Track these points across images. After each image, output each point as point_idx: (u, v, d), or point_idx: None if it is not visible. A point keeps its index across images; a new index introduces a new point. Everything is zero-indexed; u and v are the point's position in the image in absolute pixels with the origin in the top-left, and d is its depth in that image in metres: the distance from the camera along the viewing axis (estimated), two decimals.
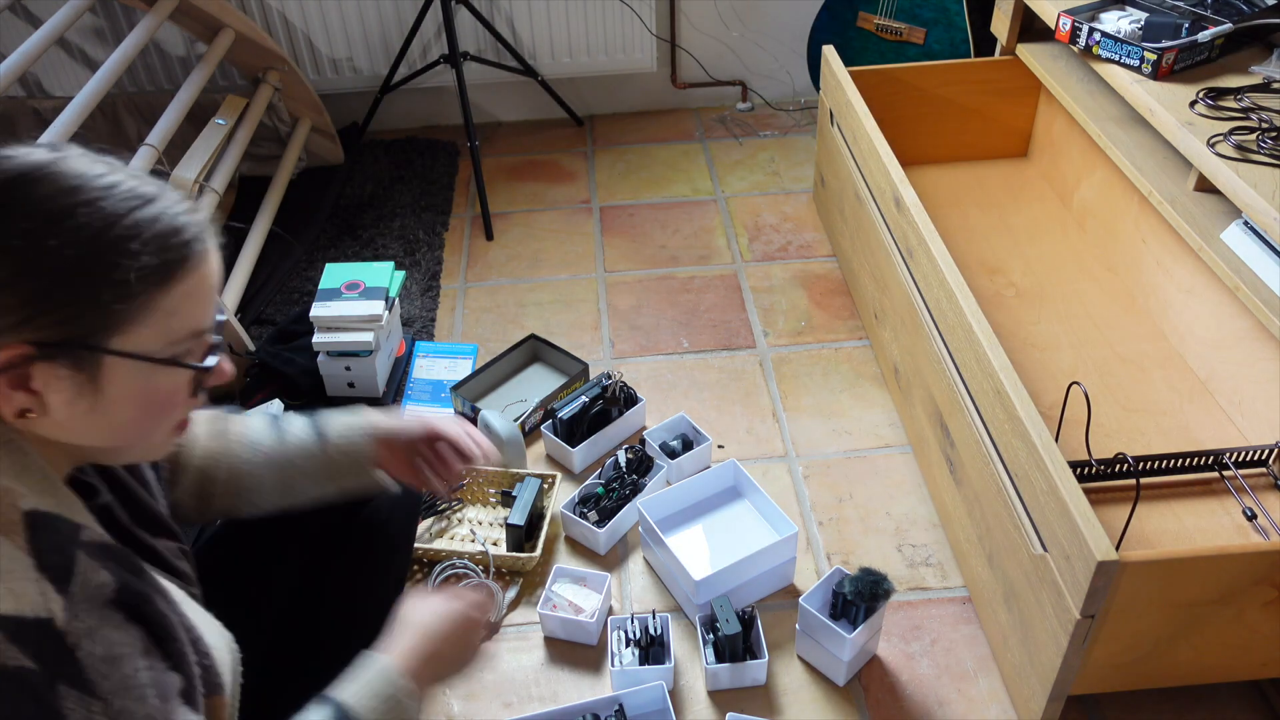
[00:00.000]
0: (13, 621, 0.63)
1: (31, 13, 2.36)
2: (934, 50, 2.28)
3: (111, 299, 0.68)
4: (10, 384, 0.68)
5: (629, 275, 2.15)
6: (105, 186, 0.69)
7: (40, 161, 0.69)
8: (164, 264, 0.70)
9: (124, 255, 0.68)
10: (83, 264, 0.67)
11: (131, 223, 0.69)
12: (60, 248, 0.67)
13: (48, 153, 0.70)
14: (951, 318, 1.41)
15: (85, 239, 0.67)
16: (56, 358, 0.68)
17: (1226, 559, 1.07)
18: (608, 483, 1.59)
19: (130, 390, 0.72)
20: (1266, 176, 1.36)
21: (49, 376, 0.69)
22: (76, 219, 0.67)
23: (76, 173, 0.69)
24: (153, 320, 0.71)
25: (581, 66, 2.60)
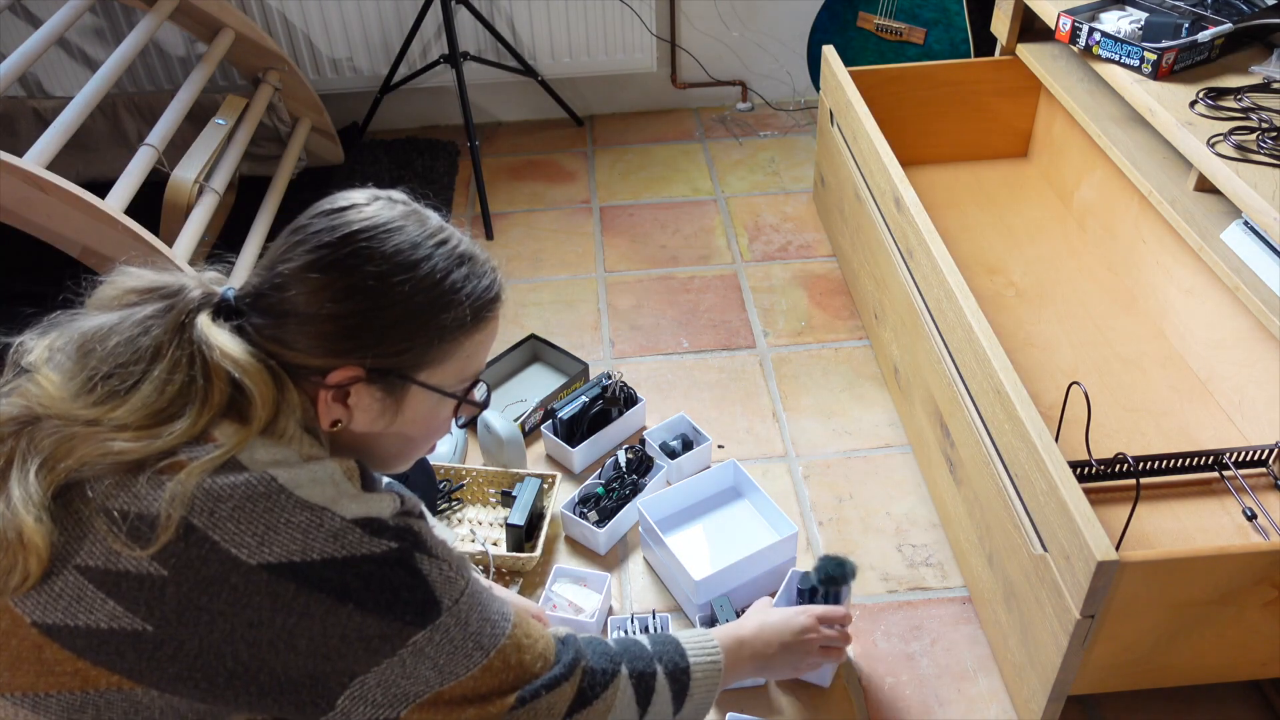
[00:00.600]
0: (373, 521, 0.78)
1: (31, 13, 2.36)
2: (934, 50, 2.28)
3: (433, 340, 0.84)
4: (333, 398, 0.83)
5: (629, 275, 2.15)
6: (439, 243, 0.84)
7: (393, 216, 0.83)
8: (475, 317, 0.85)
9: (451, 305, 0.84)
10: (420, 308, 0.82)
11: (459, 277, 0.84)
12: (409, 293, 0.81)
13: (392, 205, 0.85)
14: (951, 318, 1.41)
15: (425, 287, 0.82)
16: (376, 382, 0.83)
17: (1226, 559, 1.07)
18: (608, 483, 1.59)
19: (421, 416, 0.88)
20: (1266, 176, 1.36)
21: (364, 396, 0.83)
22: (420, 270, 0.82)
23: (419, 229, 0.84)
24: (454, 361, 0.86)
25: (581, 66, 2.60)
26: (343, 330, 0.81)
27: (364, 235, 0.81)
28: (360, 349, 0.81)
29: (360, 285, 0.80)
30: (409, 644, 0.78)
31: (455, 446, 1.68)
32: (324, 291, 0.80)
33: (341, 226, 0.81)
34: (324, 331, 0.80)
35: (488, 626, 0.84)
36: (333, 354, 0.81)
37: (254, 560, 0.74)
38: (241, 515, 0.74)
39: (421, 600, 0.79)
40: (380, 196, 0.86)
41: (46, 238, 1.59)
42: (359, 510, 0.78)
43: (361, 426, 0.85)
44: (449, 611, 0.81)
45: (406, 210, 0.85)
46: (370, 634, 0.77)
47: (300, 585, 0.75)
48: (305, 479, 0.78)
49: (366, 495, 0.80)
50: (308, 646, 0.75)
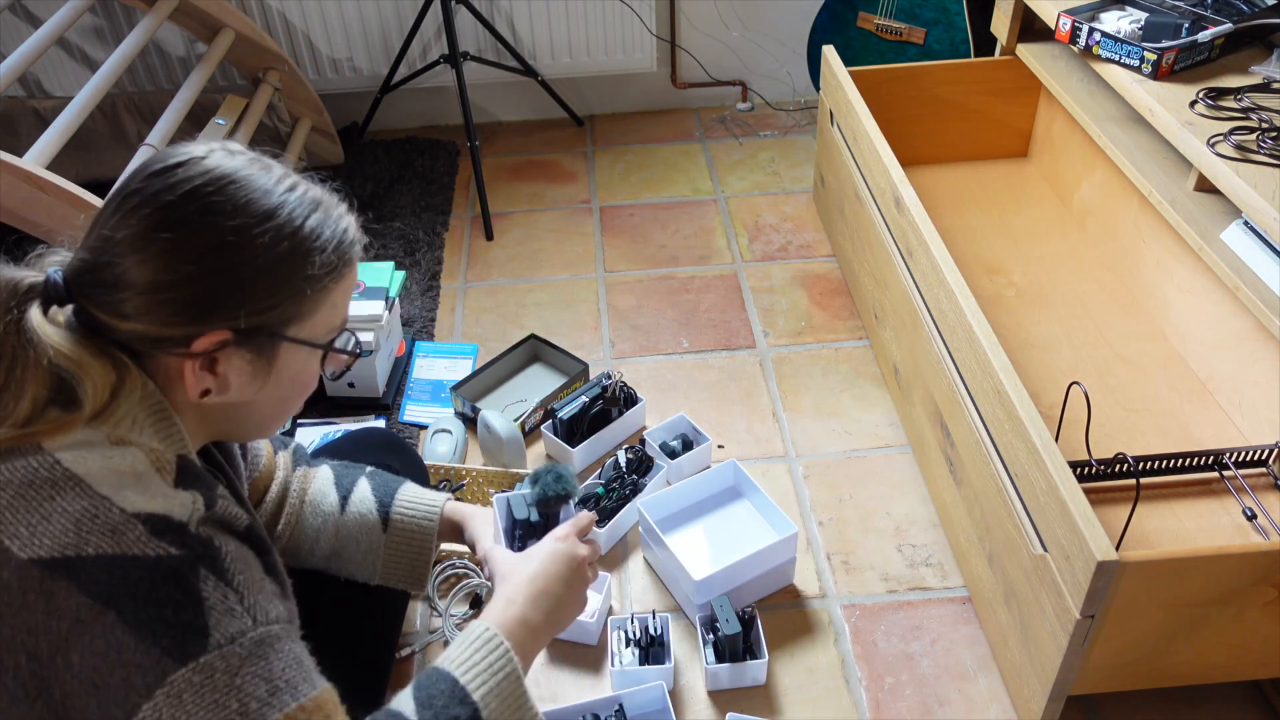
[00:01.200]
0: (160, 519, 0.70)
1: (31, 13, 2.36)
2: (934, 50, 2.28)
3: (301, 291, 0.78)
4: (200, 366, 0.76)
5: (629, 275, 2.15)
6: (289, 188, 0.78)
7: (237, 165, 0.77)
8: (339, 261, 0.80)
9: (314, 252, 0.78)
10: (284, 259, 0.76)
11: (316, 223, 0.78)
12: (270, 244, 0.75)
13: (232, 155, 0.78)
14: (951, 318, 1.41)
15: (286, 235, 0.76)
16: (245, 344, 0.77)
17: (1226, 559, 1.07)
18: (608, 483, 1.59)
19: (293, 373, 0.82)
20: (1266, 176, 1.36)
21: (234, 360, 0.77)
22: (278, 218, 0.76)
23: (266, 175, 0.78)
24: (322, 311, 0.81)
25: (581, 66, 2.60)
26: (203, 293, 0.74)
27: (211, 187, 0.74)
28: (225, 311, 0.75)
29: (217, 241, 0.73)
30: (166, 683, 0.66)
31: (455, 446, 1.68)
32: (176, 254, 0.73)
33: (183, 182, 0.74)
34: (181, 298, 0.74)
35: (263, 688, 0.68)
36: (194, 320, 0.74)
37: (25, 554, 0.67)
38: (19, 503, 0.68)
39: (187, 626, 0.67)
40: (215, 147, 0.79)
41: (46, 238, 1.59)
42: (144, 504, 0.70)
43: (234, 393, 0.79)
44: (217, 651, 0.67)
45: (249, 158, 0.79)
46: (129, 659, 0.66)
47: (71, 584, 0.66)
48: (97, 465, 0.70)
49: (164, 490, 0.72)
50: (79, 663, 0.66)
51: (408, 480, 1.20)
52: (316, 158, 2.50)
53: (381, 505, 1.14)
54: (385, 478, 1.18)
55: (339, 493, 1.13)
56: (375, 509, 1.13)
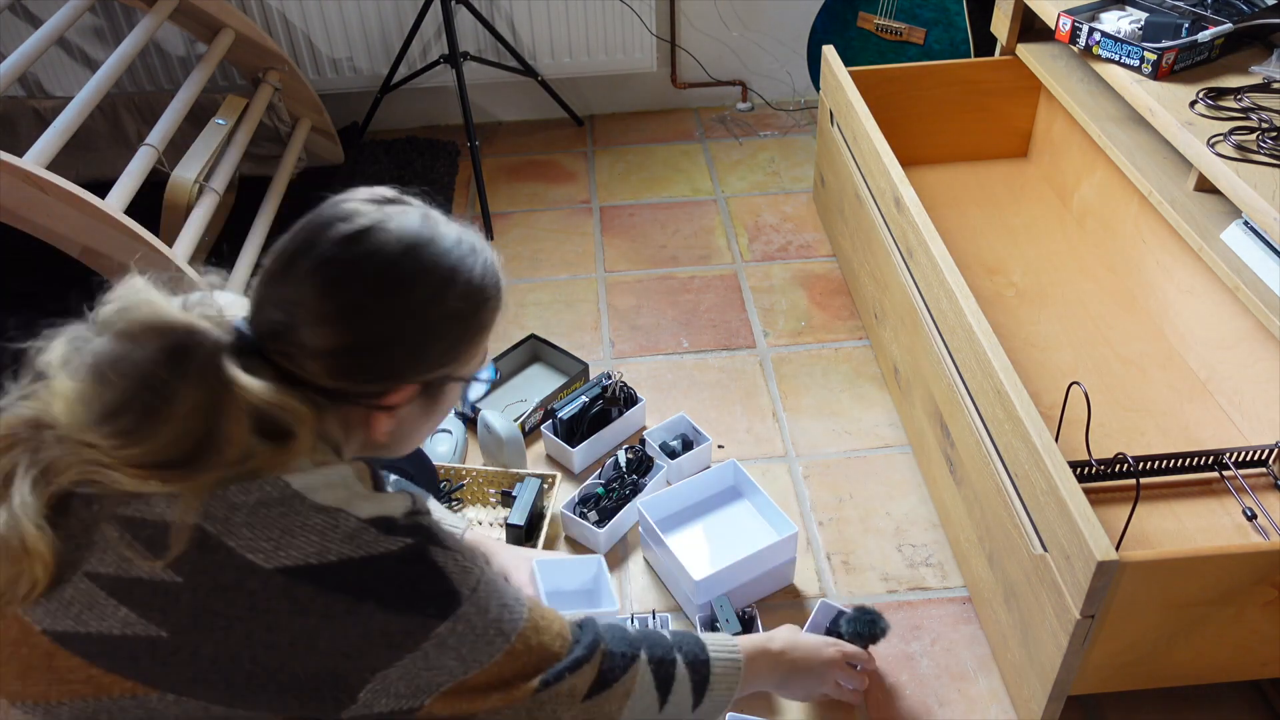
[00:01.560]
0: (387, 520, 0.79)
1: (31, 13, 2.36)
2: (934, 50, 2.28)
3: (474, 340, 0.86)
4: (388, 415, 0.84)
5: (629, 275, 2.15)
6: (455, 242, 0.83)
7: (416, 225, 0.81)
8: (495, 308, 0.87)
9: (488, 307, 0.86)
10: (466, 315, 0.84)
11: (480, 271, 0.84)
12: (456, 305, 0.83)
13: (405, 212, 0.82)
14: (951, 318, 1.41)
15: (466, 293, 0.83)
16: (425, 392, 0.85)
17: (1226, 559, 1.07)
18: (608, 483, 1.59)
19: (447, 405, 0.90)
20: (1266, 176, 1.36)
21: (412, 404, 0.85)
22: (459, 279, 0.82)
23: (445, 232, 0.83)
24: (478, 351, 0.88)
25: (581, 66, 2.60)
26: (398, 357, 0.81)
27: (405, 256, 0.80)
28: (417, 369, 0.83)
29: (412, 309, 0.80)
30: (432, 636, 0.78)
31: (455, 446, 1.68)
32: (373, 322, 0.79)
33: (375, 253, 0.79)
34: (378, 362, 0.81)
35: (506, 612, 0.84)
36: (388, 378, 0.82)
37: (270, 565, 0.74)
38: (256, 521, 0.74)
39: (441, 592, 0.80)
40: (386, 200, 0.83)
41: (46, 238, 1.59)
42: (373, 510, 0.79)
43: (402, 429, 0.87)
44: (469, 600, 0.81)
45: (419, 214, 0.83)
46: (392, 630, 0.77)
47: (319, 587, 0.75)
48: (319, 483, 0.78)
49: (379, 495, 0.81)
50: (328, 646, 0.75)
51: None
52: (317, 158, 2.50)
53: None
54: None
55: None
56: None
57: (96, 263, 1.62)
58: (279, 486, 0.76)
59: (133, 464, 0.74)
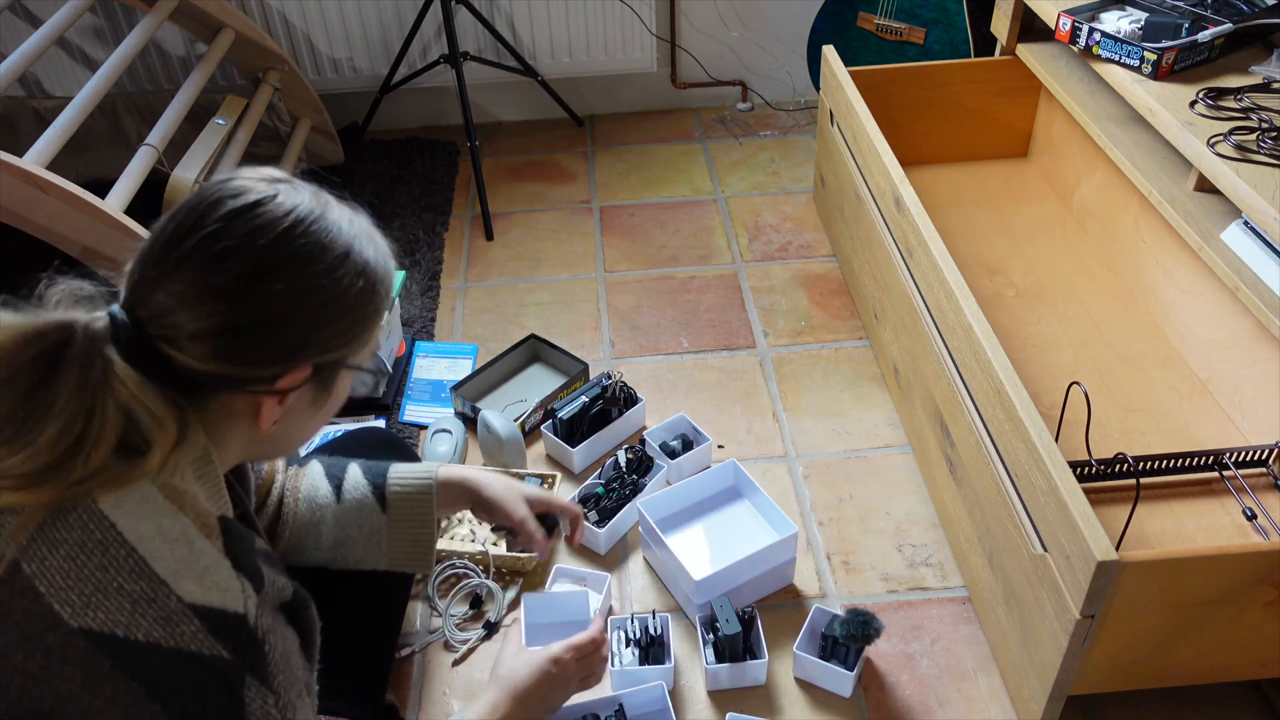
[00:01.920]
0: (216, 614, 0.70)
1: (31, 13, 2.36)
2: (934, 50, 2.28)
3: (369, 324, 0.82)
4: (278, 401, 0.79)
5: (629, 275, 2.15)
6: (349, 221, 0.81)
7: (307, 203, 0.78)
8: (387, 293, 0.84)
9: (381, 286, 0.82)
10: (361, 295, 0.80)
11: (374, 253, 0.82)
12: (350, 283, 0.78)
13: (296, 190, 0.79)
14: (951, 318, 1.41)
15: (360, 272, 0.80)
16: (315, 377, 0.80)
17: (1226, 559, 1.07)
18: (608, 483, 1.59)
19: (337, 396, 0.86)
20: (1266, 176, 1.36)
21: (301, 391, 0.80)
22: (353, 256, 0.79)
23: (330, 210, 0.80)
24: (371, 338, 0.84)
25: (581, 66, 2.60)
26: (294, 335, 0.76)
27: (298, 230, 0.76)
28: (311, 349, 0.78)
29: (306, 285, 0.76)
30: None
31: (455, 446, 1.68)
32: (269, 299, 0.74)
33: (270, 226, 0.75)
34: (270, 340, 0.75)
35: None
36: (282, 360, 0.77)
37: (75, 622, 0.67)
38: (71, 566, 0.68)
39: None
40: (274, 180, 0.79)
41: (46, 238, 1.59)
42: (201, 596, 0.70)
43: (292, 420, 0.82)
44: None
45: (310, 191, 0.80)
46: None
47: (115, 664, 0.67)
48: (152, 532, 0.70)
49: (220, 572, 0.72)
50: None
51: (396, 461, 1.19)
52: (317, 158, 2.50)
53: (375, 486, 1.13)
54: (373, 462, 1.16)
55: (331, 483, 1.13)
56: (370, 490, 1.12)
57: (96, 263, 1.62)
58: (104, 528, 0.69)
59: (10, 474, 0.69)
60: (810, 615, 1.36)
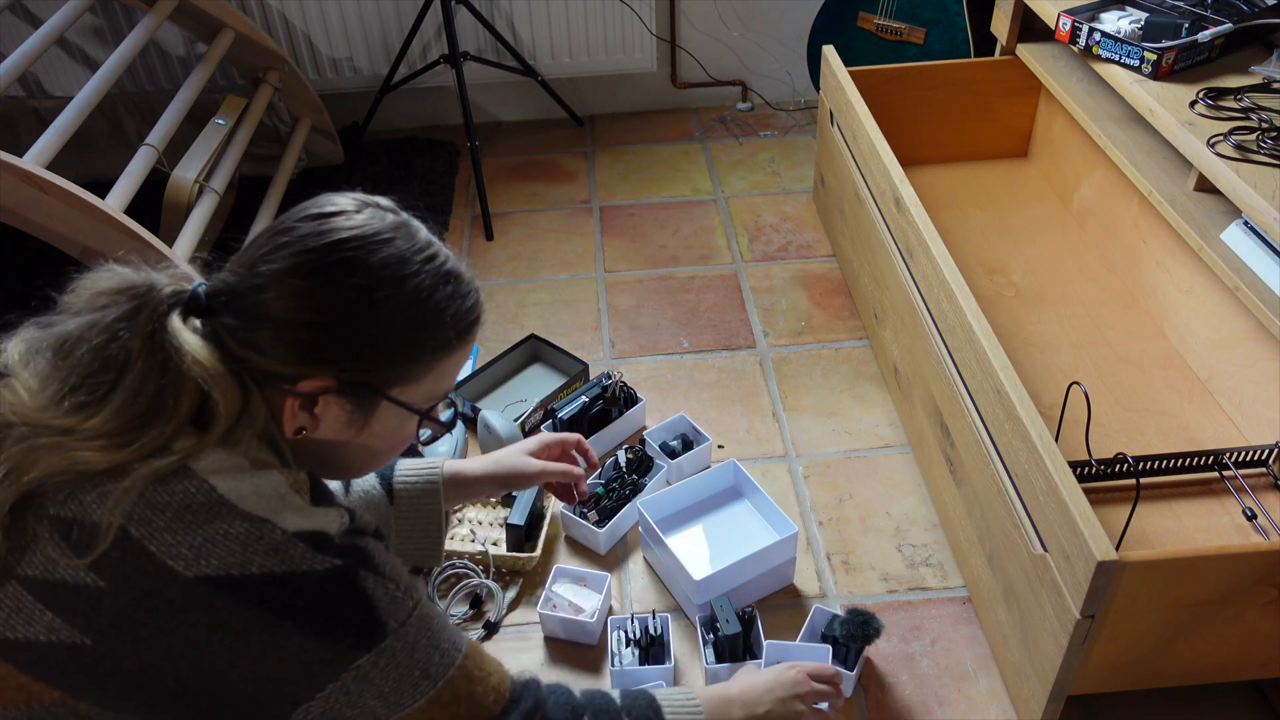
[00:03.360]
0: (319, 535, 0.75)
1: (31, 13, 2.36)
2: (934, 50, 2.28)
3: (410, 358, 0.81)
4: (300, 406, 0.79)
5: (629, 275, 2.15)
6: (427, 259, 0.81)
7: (384, 227, 0.80)
8: (455, 338, 0.83)
9: (433, 325, 0.81)
10: (401, 325, 0.79)
11: (444, 296, 0.81)
12: (393, 310, 0.79)
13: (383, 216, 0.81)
14: (951, 318, 1.41)
15: (409, 304, 0.79)
16: (346, 394, 0.80)
17: (1226, 559, 1.07)
18: (608, 483, 1.59)
19: (387, 430, 0.85)
20: (1266, 176, 1.36)
21: (332, 406, 0.80)
22: (405, 286, 0.79)
23: (408, 242, 0.81)
24: (428, 380, 0.84)
25: (581, 66, 2.60)
26: (318, 340, 0.78)
27: (351, 244, 0.78)
28: (334, 361, 0.79)
29: (342, 296, 0.77)
30: (352, 668, 0.75)
31: (455, 446, 1.68)
32: (303, 298, 0.77)
33: (329, 233, 0.78)
34: (299, 339, 0.77)
35: (436, 654, 0.80)
36: (306, 363, 0.78)
37: (190, 573, 0.71)
38: (179, 525, 0.71)
39: (365, 621, 0.76)
40: (369, 204, 0.82)
41: (46, 238, 1.59)
42: (302, 524, 0.75)
43: (326, 435, 0.83)
44: (395, 634, 0.77)
45: (396, 221, 0.82)
46: (310, 657, 0.73)
47: (238, 600, 0.71)
48: (247, 490, 0.74)
49: (313, 509, 0.77)
50: (248, 668, 0.72)
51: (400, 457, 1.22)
52: (317, 158, 2.50)
53: (383, 478, 1.15)
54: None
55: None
56: (378, 483, 1.15)
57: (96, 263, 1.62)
58: (205, 490, 0.73)
59: (90, 435, 0.72)
60: (810, 615, 1.37)
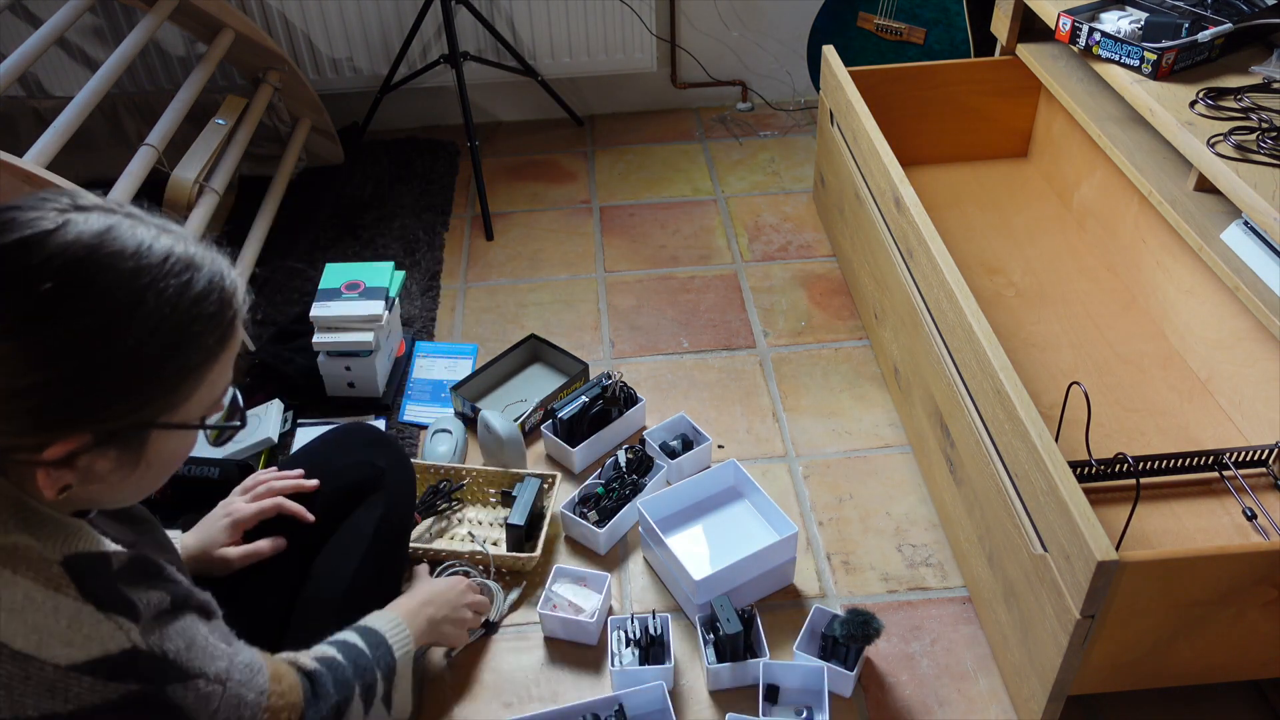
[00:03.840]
0: (102, 662, 0.65)
1: (31, 13, 2.36)
2: (934, 50, 2.28)
3: (177, 383, 0.69)
4: (56, 468, 0.67)
5: (629, 275, 2.15)
6: (161, 258, 0.67)
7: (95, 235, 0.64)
8: (218, 340, 0.71)
9: (192, 340, 0.68)
10: (154, 355, 0.66)
11: (193, 300, 0.68)
12: (138, 344, 0.65)
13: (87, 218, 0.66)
14: (951, 318, 1.41)
15: (158, 329, 0.66)
16: (109, 443, 0.68)
17: (1226, 559, 1.07)
18: (608, 483, 1.59)
19: (165, 455, 0.73)
20: (1266, 176, 1.36)
21: (95, 459, 0.68)
22: (146, 306, 0.65)
23: (134, 246, 0.66)
24: (199, 393, 0.71)
25: (581, 66, 2.60)
26: (48, 404, 0.64)
27: (70, 275, 0.63)
28: (84, 418, 0.65)
29: (72, 344, 0.63)
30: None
31: (455, 446, 1.68)
32: (21, 359, 0.62)
33: (37, 269, 0.62)
34: (30, 407, 0.63)
35: (246, 710, 0.79)
36: (43, 429, 0.65)
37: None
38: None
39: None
40: (70, 207, 0.66)
41: None
42: (78, 653, 0.64)
43: (99, 484, 0.70)
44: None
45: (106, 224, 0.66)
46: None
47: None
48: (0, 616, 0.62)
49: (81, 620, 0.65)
50: None
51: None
52: (317, 158, 2.50)
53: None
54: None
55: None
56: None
57: None
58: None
59: None
60: (810, 615, 1.37)
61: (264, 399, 1.77)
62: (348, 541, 1.20)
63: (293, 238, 2.22)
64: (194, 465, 1.54)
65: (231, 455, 1.65)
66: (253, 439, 1.67)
